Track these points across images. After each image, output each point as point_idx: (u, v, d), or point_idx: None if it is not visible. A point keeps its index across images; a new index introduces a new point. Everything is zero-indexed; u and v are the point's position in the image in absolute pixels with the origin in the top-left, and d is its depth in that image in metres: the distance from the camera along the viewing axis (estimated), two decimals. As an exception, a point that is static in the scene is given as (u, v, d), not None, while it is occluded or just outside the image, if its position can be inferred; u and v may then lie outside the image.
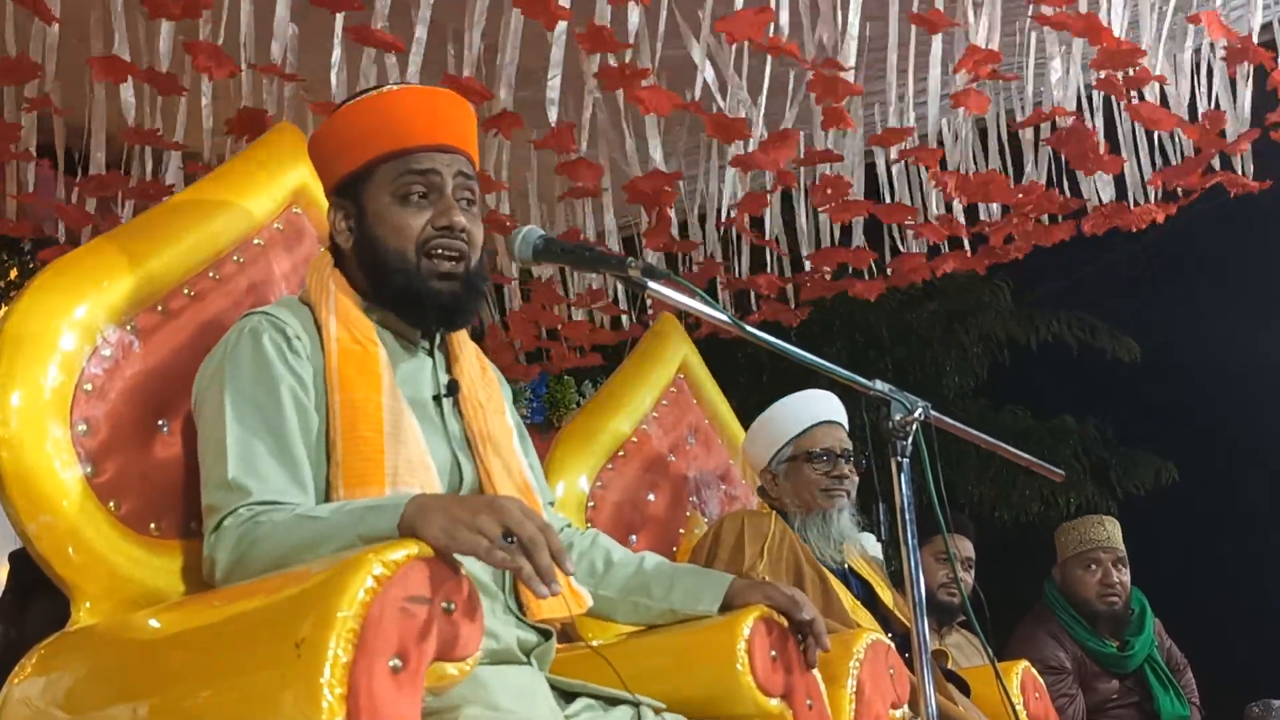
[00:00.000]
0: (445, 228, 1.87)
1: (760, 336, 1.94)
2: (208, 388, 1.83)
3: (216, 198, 2.14)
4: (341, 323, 1.86)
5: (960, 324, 8.90)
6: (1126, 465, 8.92)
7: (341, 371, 1.82)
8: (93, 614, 1.77)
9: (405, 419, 1.83)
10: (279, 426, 1.77)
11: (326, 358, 1.83)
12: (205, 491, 1.77)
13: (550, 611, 1.85)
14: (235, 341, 1.83)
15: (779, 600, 2.03)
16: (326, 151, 1.98)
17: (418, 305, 1.89)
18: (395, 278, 1.88)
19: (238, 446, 1.74)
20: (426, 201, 1.88)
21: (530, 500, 1.93)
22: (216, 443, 1.76)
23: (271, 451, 1.75)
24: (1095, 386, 9.30)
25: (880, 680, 2.21)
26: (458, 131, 1.94)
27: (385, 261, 1.88)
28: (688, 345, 3.16)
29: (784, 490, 2.96)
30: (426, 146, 1.89)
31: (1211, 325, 9.18)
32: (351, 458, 1.77)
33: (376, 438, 1.79)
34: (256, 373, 1.79)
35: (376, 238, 1.88)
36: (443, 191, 1.89)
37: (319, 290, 1.90)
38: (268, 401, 1.78)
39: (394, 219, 1.87)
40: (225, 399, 1.78)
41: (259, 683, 1.40)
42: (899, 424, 1.97)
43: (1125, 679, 4.12)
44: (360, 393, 1.80)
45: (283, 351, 1.81)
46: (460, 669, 1.47)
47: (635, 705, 1.85)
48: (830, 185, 4.15)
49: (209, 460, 1.77)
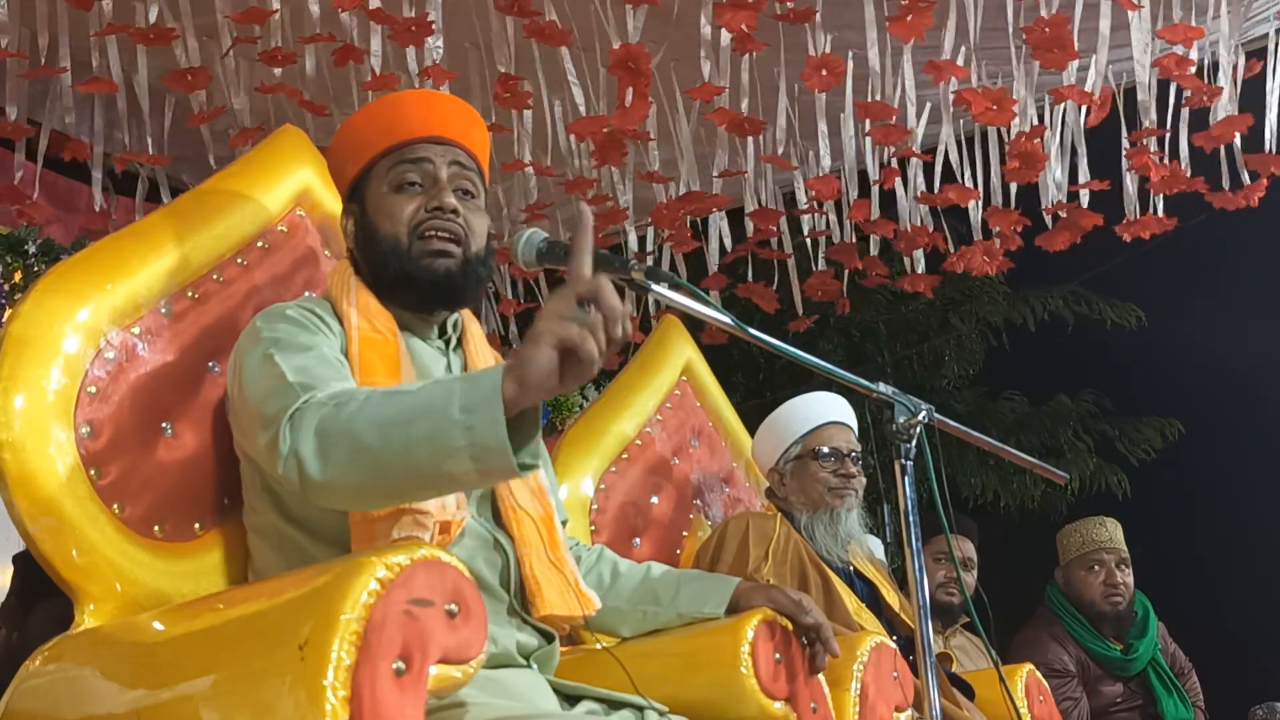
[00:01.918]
0: (436, 208, 1.91)
1: (765, 340, 1.93)
2: (244, 359, 1.80)
3: (220, 201, 2.15)
4: (362, 314, 1.88)
5: (955, 312, 8.88)
6: (1130, 433, 8.88)
7: (362, 356, 1.83)
8: (96, 616, 1.77)
9: None
10: (329, 358, 1.77)
11: (349, 344, 1.85)
12: (260, 416, 1.69)
13: (558, 609, 1.84)
14: (266, 316, 1.84)
15: (783, 604, 2.03)
16: (336, 161, 2.03)
17: (413, 284, 1.91)
18: (390, 262, 1.90)
19: (291, 366, 1.70)
20: (420, 189, 1.93)
21: (545, 505, 1.94)
22: (268, 375, 1.71)
23: (328, 369, 1.73)
24: (1093, 359, 9.25)
25: (884, 683, 2.21)
26: (456, 127, 1.98)
27: (381, 247, 1.91)
28: (691, 347, 3.16)
29: (791, 489, 2.96)
30: (421, 139, 1.94)
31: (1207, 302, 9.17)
32: None
33: None
34: (295, 327, 1.80)
35: (373, 227, 1.93)
36: (436, 179, 1.93)
37: (340, 287, 1.93)
38: (312, 342, 1.78)
39: (388, 206, 1.92)
40: (271, 350, 1.75)
41: (262, 685, 1.39)
42: (902, 427, 1.97)
43: (1129, 682, 4.12)
44: (379, 377, 1.82)
45: (314, 324, 1.83)
46: (464, 671, 1.47)
47: (639, 708, 1.85)
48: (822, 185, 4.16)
49: (261, 391, 1.71)
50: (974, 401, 8.68)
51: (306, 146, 2.34)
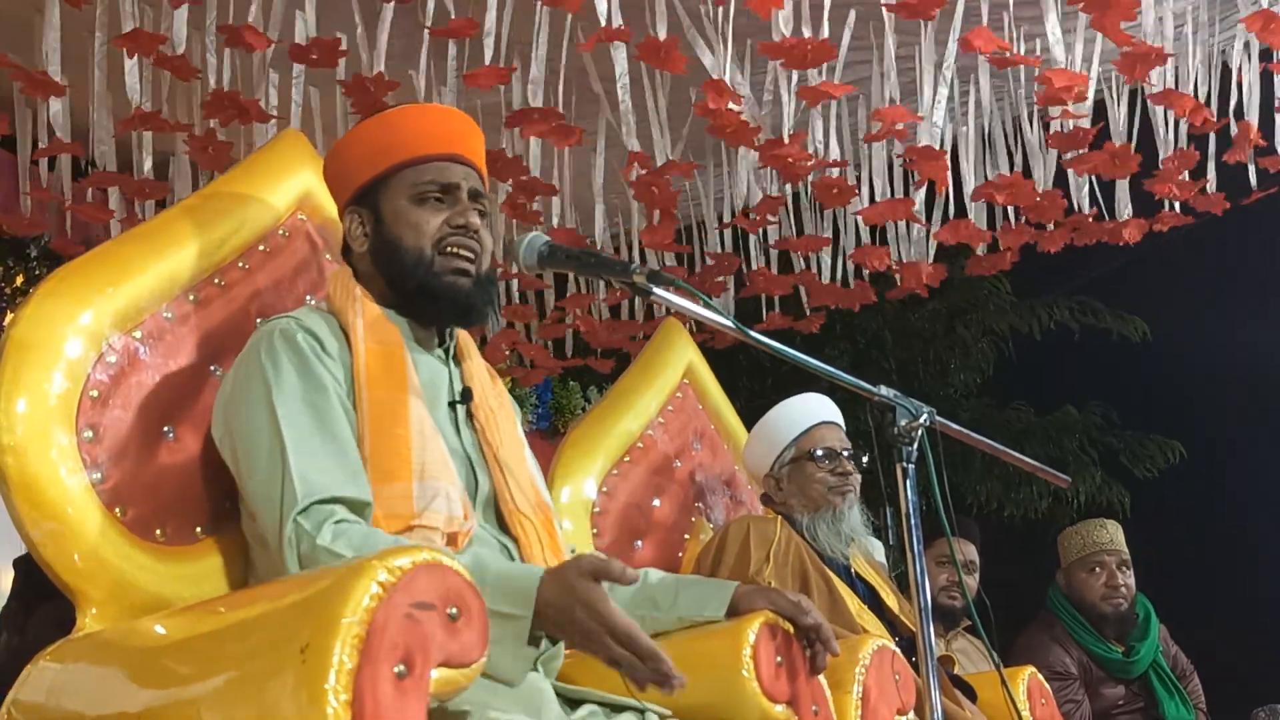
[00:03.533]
0: (461, 226, 1.94)
1: (766, 342, 1.94)
2: (244, 393, 1.82)
3: (221, 204, 2.15)
4: (368, 326, 1.89)
5: (961, 320, 8.86)
6: (1134, 449, 8.86)
7: (370, 370, 1.84)
8: (98, 620, 1.77)
9: (430, 420, 1.86)
10: (333, 424, 1.78)
11: (354, 358, 1.86)
12: (261, 495, 1.74)
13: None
14: (269, 345, 1.84)
15: (784, 606, 2.03)
16: (343, 165, 2.03)
17: (434, 300, 1.93)
18: (412, 272, 1.92)
19: (297, 444, 1.73)
20: (443, 204, 1.95)
21: (543, 507, 1.97)
22: (270, 445, 1.75)
23: (330, 449, 1.75)
24: (1101, 371, 9.23)
25: (886, 686, 2.21)
26: (470, 146, 2.02)
27: (402, 259, 1.93)
28: (693, 350, 3.16)
29: (790, 492, 2.96)
30: (443, 156, 1.97)
31: (1211, 310, 9.13)
32: (379, 454, 1.79)
33: (405, 434, 1.82)
34: (301, 372, 1.81)
35: (395, 237, 1.94)
36: (458, 197, 1.96)
37: (344, 297, 1.93)
38: (319, 399, 1.79)
39: (412, 218, 1.94)
40: (274, 400, 1.77)
41: (264, 688, 1.39)
42: (904, 430, 1.97)
43: (1131, 684, 4.12)
44: (388, 391, 1.83)
45: (318, 353, 1.84)
46: (466, 675, 1.47)
47: (640, 711, 1.85)
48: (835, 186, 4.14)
49: (263, 463, 1.75)
50: (980, 411, 8.64)
51: (307, 151, 2.34)
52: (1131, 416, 8.97)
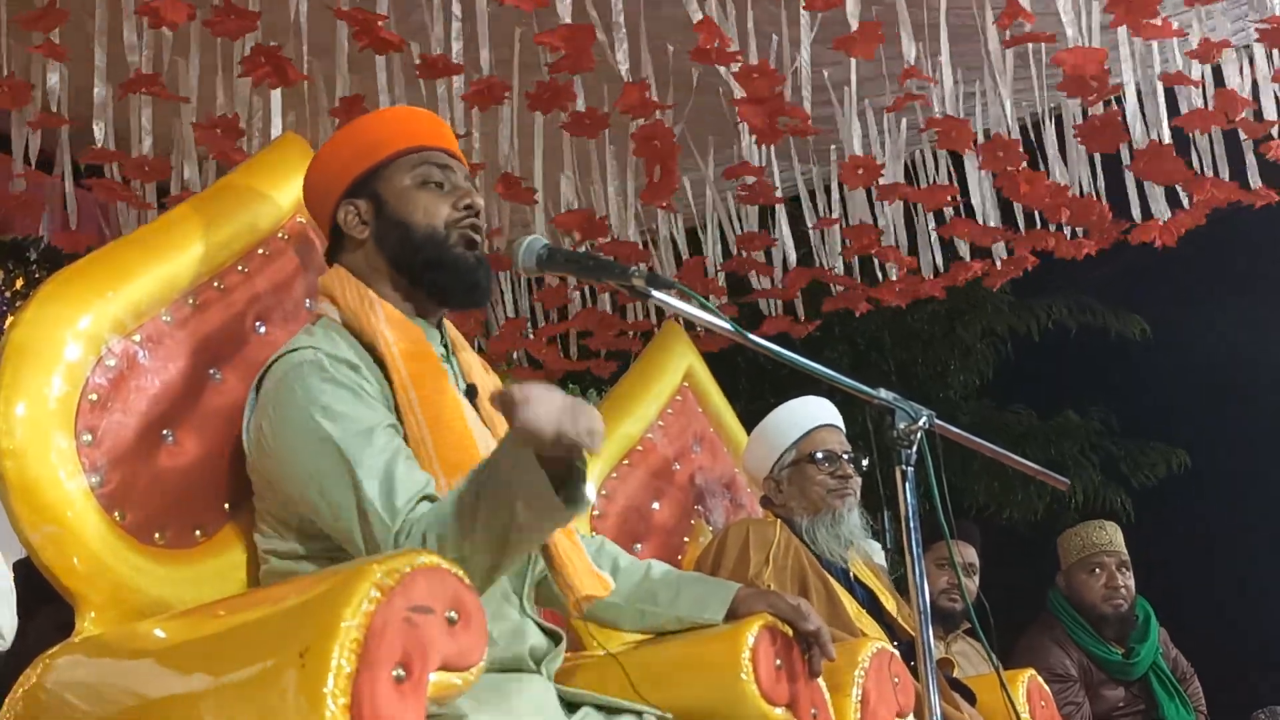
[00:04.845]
0: (468, 207, 1.96)
1: (765, 345, 1.94)
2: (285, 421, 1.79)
3: (221, 208, 2.15)
4: (393, 329, 1.89)
5: (960, 321, 8.85)
6: (1135, 456, 8.85)
7: (411, 372, 1.85)
8: (97, 623, 1.77)
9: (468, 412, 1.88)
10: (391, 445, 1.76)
11: (389, 361, 1.85)
12: (344, 532, 1.73)
13: (585, 588, 1.86)
14: (299, 374, 1.81)
15: (783, 609, 2.03)
16: (335, 161, 2.02)
17: (445, 273, 1.95)
18: (423, 246, 1.94)
19: (368, 480, 1.71)
20: (443, 190, 1.98)
21: None
22: (337, 474, 1.73)
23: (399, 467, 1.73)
24: (1101, 373, 9.21)
25: (885, 689, 2.21)
26: (454, 145, 2.06)
27: (413, 236, 1.94)
28: (692, 353, 3.16)
29: (790, 495, 2.96)
30: (436, 148, 2.00)
31: (1211, 311, 9.12)
32: (444, 446, 1.80)
33: (463, 425, 1.83)
34: (338, 389, 1.79)
35: (404, 217, 1.95)
36: (457, 184, 1.99)
37: (357, 301, 1.91)
38: (364, 416, 1.77)
39: (421, 200, 1.96)
40: (328, 429, 1.74)
41: (263, 692, 1.40)
42: (903, 432, 1.97)
43: (1131, 686, 4.11)
44: (434, 390, 1.85)
45: (349, 375, 1.82)
46: (464, 679, 1.47)
47: (639, 714, 1.86)
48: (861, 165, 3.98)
49: (337, 497, 1.73)
50: (980, 413, 8.62)
51: (307, 154, 2.34)
52: (1131, 420, 8.96)
